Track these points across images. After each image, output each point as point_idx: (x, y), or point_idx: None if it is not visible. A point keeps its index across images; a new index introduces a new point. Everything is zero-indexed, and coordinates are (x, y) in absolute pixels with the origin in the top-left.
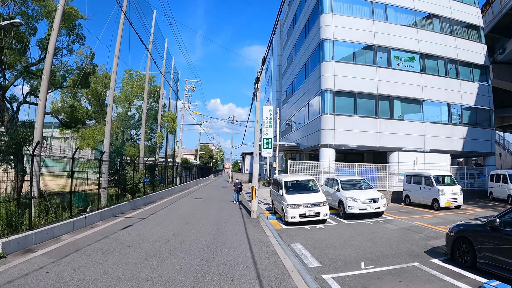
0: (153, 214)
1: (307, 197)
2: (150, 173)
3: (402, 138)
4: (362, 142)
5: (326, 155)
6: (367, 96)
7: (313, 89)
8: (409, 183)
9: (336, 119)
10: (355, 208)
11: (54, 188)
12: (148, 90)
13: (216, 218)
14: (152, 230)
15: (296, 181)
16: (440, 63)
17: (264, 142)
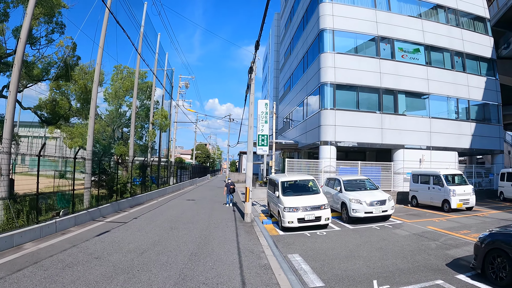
0: (137, 217)
1: (307, 199)
2: (142, 173)
3: (407, 134)
4: (364, 139)
5: (327, 153)
6: (369, 89)
7: (312, 83)
8: (416, 182)
9: (337, 114)
10: (360, 211)
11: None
12: (140, 86)
13: (205, 223)
14: (130, 237)
15: (294, 181)
16: (446, 55)
17: (259, 139)
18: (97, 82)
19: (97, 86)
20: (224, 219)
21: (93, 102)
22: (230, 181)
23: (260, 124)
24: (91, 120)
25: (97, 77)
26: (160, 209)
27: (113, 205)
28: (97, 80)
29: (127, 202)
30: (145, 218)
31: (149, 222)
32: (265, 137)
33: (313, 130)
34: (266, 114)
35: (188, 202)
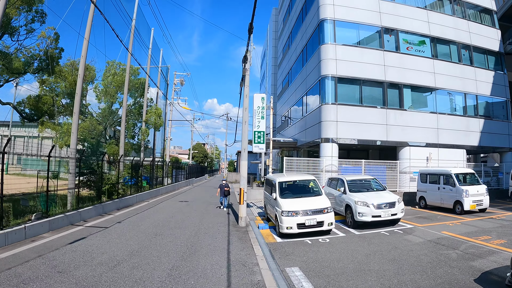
0: (121, 222)
1: (307, 202)
2: (134, 173)
3: (413, 131)
4: (368, 135)
5: (328, 151)
6: (373, 83)
7: (311, 77)
8: (425, 182)
9: (339, 109)
10: (367, 215)
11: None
12: (133, 83)
13: (195, 227)
14: (106, 246)
15: (293, 181)
16: (452, 48)
17: (255, 136)
18: (82, 75)
19: (81, 80)
20: (216, 223)
21: (77, 97)
22: (225, 182)
23: (256, 120)
24: (75, 116)
25: (82, 70)
26: (149, 211)
27: (96, 208)
28: (81, 74)
29: (113, 204)
30: (130, 222)
31: (133, 227)
32: (261, 134)
33: (313, 127)
34: (262, 109)
35: (180, 204)
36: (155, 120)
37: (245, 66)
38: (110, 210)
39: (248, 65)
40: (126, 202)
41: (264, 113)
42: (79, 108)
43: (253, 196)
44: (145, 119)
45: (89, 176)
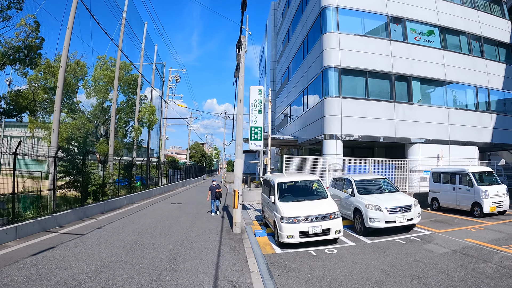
0: (101, 227)
1: (311, 206)
2: (127, 173)
3: (423, 127)
4: (375, 131)
5: (332, 148)
6: (380, 75)
7: (313, 69)
8: (437, 182)
9: (344, 103)
10: (380, 220)
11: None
12: (125, 79)
13: (183, 235)
14: (74, 259)
15: (294, 182)
16: (462, 39)
17: (252, 133)
18: (64, 67)
19: (63, 72)
20: (208, 230)
21: (59, 90)
22: (216, 183)
23: (253, 114)
24: (56, 112)
25: (64, 61)
26: (135, 215)
27: (76, 212)
28: (63, 65)
29: (97, 207)
30: (110, 229)
31: (112, 234)
32: (258, 130)
33: (315, 123)
34: (260, 102)
35: (171, 207)
36: (149, 118)
37: (239, 51)
38: (93, 213)
39: (243, 51)
40: (113, 205)
41: (262, 107)
42: (60, 103)
43: (251, 197)
44: (138, 117)
45: (76, 176)
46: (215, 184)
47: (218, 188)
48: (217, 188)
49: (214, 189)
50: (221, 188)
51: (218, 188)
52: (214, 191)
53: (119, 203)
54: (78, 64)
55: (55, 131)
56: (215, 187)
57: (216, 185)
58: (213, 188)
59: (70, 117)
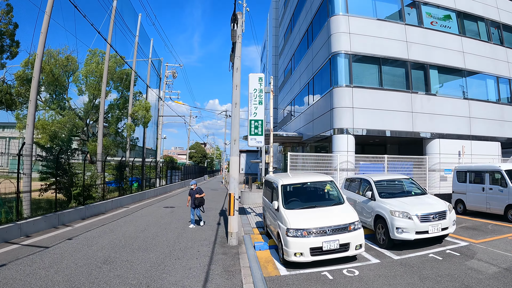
0: (72, 238)
1: (324, 215)
2: (119, 174)
3: (443, 120)
4: (391, 125)
5: (342, 145)
6: (395, 62)
7: (319, 57)
8: (463, 182)
9: (355, 93)
10: (409, 230)
11: None
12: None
13: (167, 248)
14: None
15: (302, 184)
16: (481, 25)
17: (251, 126)
18: (41, 56)
19: (40, 61)
20: (198, 241)
21: (34, 81)
22: (196, 186)
23: (253, 105)
24: (31, 105)
25: (41, 50)
26: (119, 222)
27: (48, 218)
28: (40, 54)
29: (76, 212)
30: (83, 239)
31: (83, 247)
32: (259, 123)
33: (323, 117)
34: (260, 92)
35: (163, 211)
36: (143, 114)
37: (235, 27)
38: (71, 220)
39: (239, 29)
40: (97, 210)
41: (263, 98)
42: (36, 95)
43: (252, 200)
44: (131, 113)
45: (58, 177)
46: (194, 188)
47: (198, 193)
48: (198, 193)
49: (194, 194)
50: (203, 193)
51: (198, 193)
52: (193, 196)
53: (104, 207)
54: (69, 59)
55: (30, 127)
56: (195, 191)
57: (196, 190)
58: (193, 193)
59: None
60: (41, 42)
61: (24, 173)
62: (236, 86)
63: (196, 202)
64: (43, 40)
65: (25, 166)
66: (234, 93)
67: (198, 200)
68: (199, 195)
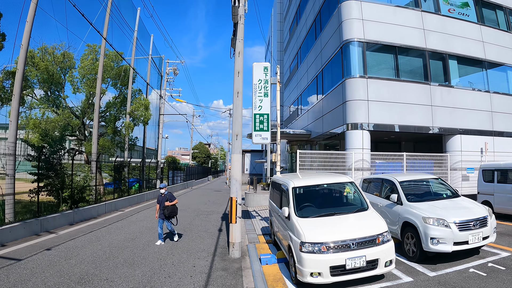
0: (52, 248)
1: (346, 225)
2: (118, 175)
3: (464, 114)
4: (409, 120)
5: (357, 141)
6: (411, 51)
7: (329, 47)
8: (490, 181)
9: (370, 84)
10: (446, 241)
11: None
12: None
13: (156, 262)
14: None
15: (317, 186)
16: (499, 14)
17: (256, 121)
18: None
19: (25, 52)
20: (195, 252)
21: (18, 74)
22: (165, 190)
23: (257, 98)
24: (15, 100)
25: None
26: (109, 228)
27: (28, 225)
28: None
29: (63, 217)
30: (63, 250)
31: (59, 260)
32: (264, 118)
33: (334, 111)
34: (266, 83)
35: None
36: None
37: (236, 3)
38: (57, 226)
39: (241, 9)
40: (88, 214)
41: (269, 89)
42: (20, 89)
43: (257, 202)
44: (129, 111)
45: (51, 179)
46: (163, 193)
47: (169, 200)
48: (168, 200)
49: (163, 201)
50: (175, 200)
51: (169, 200)
52: (162, 204)
53: (97, 211)
54: (65, 55)
55: (13, 124)
56: (165, 198)
57: (166, 195)
58: (162, 200)
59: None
60: (26, 32)
61: (7, 174)
62: (238, 73)
63: (166, 212)
64: (29, 30)
65: (8, 167)
66: (236, 81)
67: (168, 210)
68: (169, 202)
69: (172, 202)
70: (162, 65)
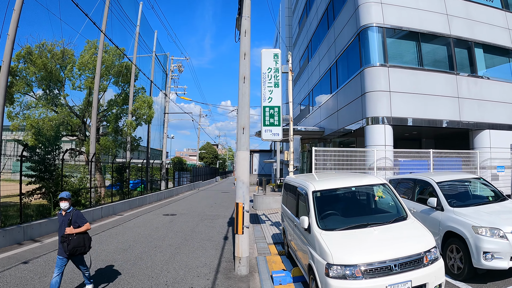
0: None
1: (384, 240)
2: (119, 176)
3: (493, 107)
4: (435, 113)
5: (378, 137)
6: (435, 38)
7: (344, 36)
8: None
9: (392, 73)
10: (503, 255)
11: None
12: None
13: (147, 283)
14: None
15: (344, 189)
16: None
17: (265, 115)
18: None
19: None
20: (195, 268)
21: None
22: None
23: (267, 89)
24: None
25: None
26: (101, 236)
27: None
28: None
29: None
30: (42, 264)
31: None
32: (275, 110)
33: (351, 105)
34: (276, 72)
35: (161, 220)
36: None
37: None
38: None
39: None
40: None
41: (279, 79)
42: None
43: (267, 204)
44: (132, 110)
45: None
46: (65, 210)
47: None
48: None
49: (63, 226)
50: (84, 225)
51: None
52: (62, 230)
53: (92, 216)
54: (66, 52)
55: None
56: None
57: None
58: (62, 223)
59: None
60: (13, 21)
61: None
62: (244, 55)
63: (69, 246)
64: (16, 19)
65: None
66: (242, 64)
67: (72, 242)
68: (74, 228)
69: (79, 227)
70: (167, 63)
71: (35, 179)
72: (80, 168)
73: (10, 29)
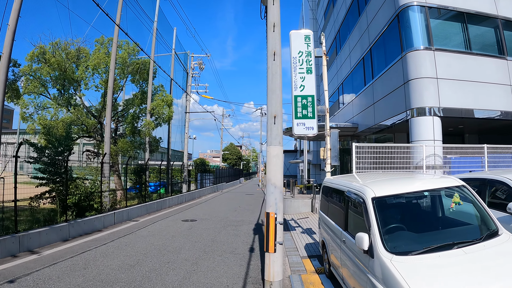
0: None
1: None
2: (138, 178)
3: None
4: (488, 103)
5: (425, 131)
6: (481, 19)
7: (379, 20)
8: None
9: (438, 57)
10: None
11: None
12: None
13: None
14: None
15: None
16: None
17: (297, 105)
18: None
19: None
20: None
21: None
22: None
23: (298, 76)
24: None
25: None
26: (108, 247)
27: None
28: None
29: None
30: (30, 284)
31: None
32: (308, 100)
33: (391, 96)
34: (308, 55)
35: (179, 227)
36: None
37: None
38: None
39: None
40: (90, 226)
41: (312, 64)
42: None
43: (295, 208)
44: (150, 109)
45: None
46: None
47: None
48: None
49: None
50: None
51: None
52: None
53: (102, 223)
54: (81, 51)
55: None
56: None
57: None
58: None
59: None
60: (14, 10)
61: None
62: (273, 26)
63: None
64: (17, 8)
65: None
66: (271, 37)
67: None
68: None
69: None
70: (187, 62)
71: (46, 181)
72: (94, 171)
73: (11, 19)
